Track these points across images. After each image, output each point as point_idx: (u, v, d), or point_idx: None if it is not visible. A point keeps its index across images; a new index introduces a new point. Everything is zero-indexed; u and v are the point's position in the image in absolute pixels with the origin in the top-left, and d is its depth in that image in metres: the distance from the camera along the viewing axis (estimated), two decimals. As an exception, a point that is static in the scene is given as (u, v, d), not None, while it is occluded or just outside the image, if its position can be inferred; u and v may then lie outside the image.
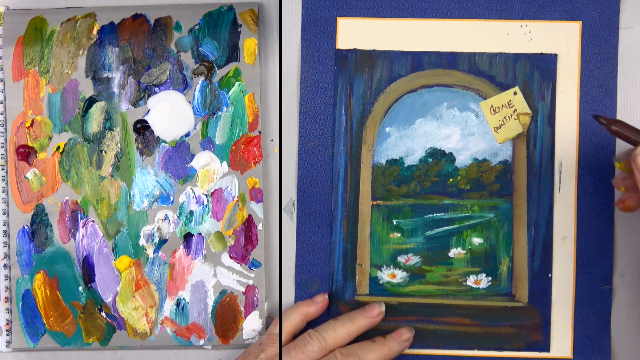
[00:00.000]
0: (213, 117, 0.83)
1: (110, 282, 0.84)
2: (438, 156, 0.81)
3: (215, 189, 0.83)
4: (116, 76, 0.84)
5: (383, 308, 0.79)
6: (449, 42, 0.81)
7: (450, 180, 0.81)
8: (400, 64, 0.81)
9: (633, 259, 0.81)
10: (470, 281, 0.81)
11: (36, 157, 0.84)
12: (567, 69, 0.81)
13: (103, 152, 0.84)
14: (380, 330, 0.81)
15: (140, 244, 0.83)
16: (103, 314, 0.84)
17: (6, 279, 0.84)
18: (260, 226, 0.83)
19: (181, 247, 0.83)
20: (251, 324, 0.83)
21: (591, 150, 0.80)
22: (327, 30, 0.82)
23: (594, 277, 0.80)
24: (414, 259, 0.82)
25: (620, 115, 0.81)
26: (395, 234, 0.82)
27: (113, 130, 0.84)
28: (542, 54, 0.80)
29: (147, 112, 0.84)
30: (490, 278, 0.81)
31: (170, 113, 0.83)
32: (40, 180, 0.84)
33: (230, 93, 0.83)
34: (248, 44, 0.83)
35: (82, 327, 0.83)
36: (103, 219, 0.84)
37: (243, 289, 0.83)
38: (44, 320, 0.83)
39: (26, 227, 0.84)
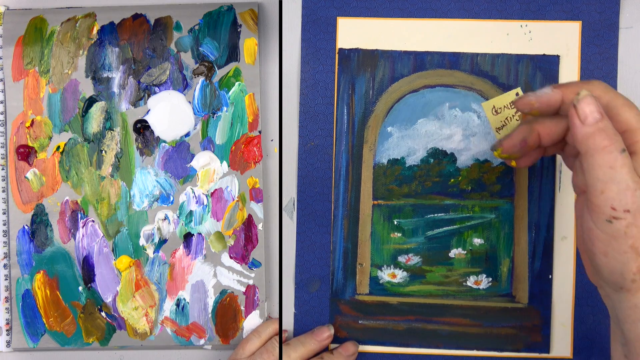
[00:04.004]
0: (213, 117, 0.83)
1: (110, 282, 0.83)
2: (439, 156, 0.81)
3: (215, 189, 0.83)
4: (116, 76, 0.83)
5: (332, 331, 0.80)
6: (451, 42, 0.81)
7: (452, 180, 0.81)
8: (403, 64, 0.81)
9: (633, 259, 0.81)
10: (471, 282, 0.81)
11: (36, 157, 0.83)
12: (568, 69, 0.81)
13: (103, 152, 0.83)
14: (382, 328, 0.81)
15: (140, 244, 0.83)
16: (103, 314, 0.83)
17: (6, 279, 0.84)
18: (260, 226, 0.83)
19: (181, 247, 0.83)
20: (251, 324, 0.83)
21: (591, 150, 0.80)
22: (327, 30, 0.82)
23: (594, 278, 0.80)
24: (414, 259, 0.82)
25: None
26: (396, 233, 0.82)
27: (113, 130, 0.83)
28: (544, 55, 0.80)
29: (147, 112, 0.83)
30: (490, 279, 0.81)
31: (170, 113, 0.83)
32: (40, 180, 0.83)
33: (230, 93, 0.83)
34: (248, 44, 0.83)
35: (82, 327, 0.83)
36: (103, 219, 0.83)
37: (243, 289, 0.83)
38: (44, 320, 0.83)
39: (26, 227, 0.83)
